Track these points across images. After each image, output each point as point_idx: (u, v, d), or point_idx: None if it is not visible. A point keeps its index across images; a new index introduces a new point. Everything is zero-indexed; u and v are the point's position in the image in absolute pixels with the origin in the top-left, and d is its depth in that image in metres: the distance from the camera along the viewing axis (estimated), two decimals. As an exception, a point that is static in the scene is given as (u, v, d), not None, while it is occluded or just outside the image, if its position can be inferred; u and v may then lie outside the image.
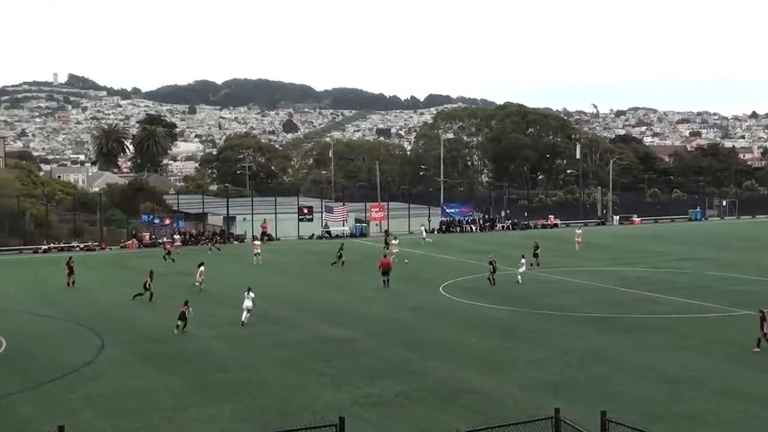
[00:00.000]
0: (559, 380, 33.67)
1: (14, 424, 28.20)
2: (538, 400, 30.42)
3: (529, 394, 31.69)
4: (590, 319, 46.65)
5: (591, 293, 55.83)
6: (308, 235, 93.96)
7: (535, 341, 40.88)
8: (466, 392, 32.02)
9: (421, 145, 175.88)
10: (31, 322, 46.57)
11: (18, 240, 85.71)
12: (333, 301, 53.14)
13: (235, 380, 34.13)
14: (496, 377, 34.23)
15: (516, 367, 36.05)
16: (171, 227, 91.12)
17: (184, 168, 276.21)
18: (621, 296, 54.38)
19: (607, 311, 48.92)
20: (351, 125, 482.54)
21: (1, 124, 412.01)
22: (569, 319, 46.84)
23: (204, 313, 47.79)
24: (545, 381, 33.55)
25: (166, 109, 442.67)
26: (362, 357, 37.78)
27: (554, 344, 40.25)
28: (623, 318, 46.98)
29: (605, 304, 51.51)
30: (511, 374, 34.77)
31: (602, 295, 54.87)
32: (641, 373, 34.63)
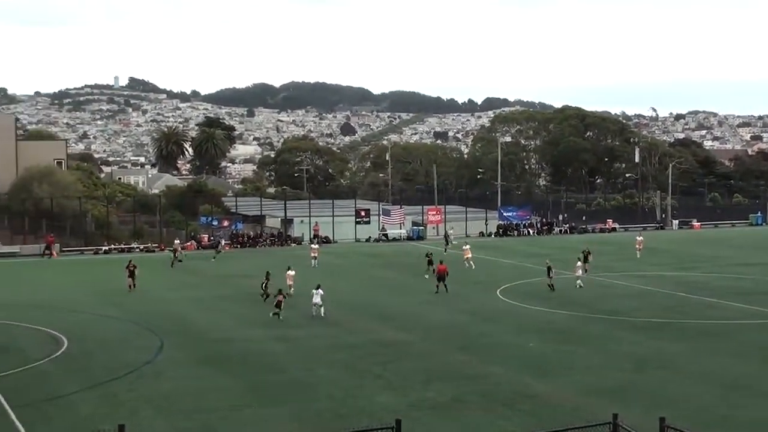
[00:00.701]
0: (617, 385, 33.43)
1: (75, 423, 28.57)
2: (595, 405, 30.22)
3: (586, 398, 31.50)
4: (648, 324, 46.25)
5: (649, 298, 55.37)
6: (365, 237, 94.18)
7: (592, 346, 40.65)
8: (524, 396, 31.91)
9: (479, 148, 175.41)
10: (92, 323, 47.14)
11: (79, 241, 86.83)
12: (390, 303, 53.19)
13: (292, 382, 34.29)
14: (553, 381, 34.07)
15: (573, 371, 35.85)
16: (229, 229, 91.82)
17: (242, 170, 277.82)
18: (679, 301, 53.87)
19: (665, 316, 48.50)
20: (408, 128, 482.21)
21: (63, 127, 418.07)
22: (627, 323, 46.48)
23: (261, 314, 48.08)
24: (603, 386, 33.34)
25: (224, 112, 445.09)
26: (419, 360, 37.77)
27: (612, 349, 39.99)
28: (681, 323, 46.54)
29: (663, 308, 51.06)
30: (568, 378, 34.59)
31: (661, 300, 54.40)
32: (699, 379, 34.30)
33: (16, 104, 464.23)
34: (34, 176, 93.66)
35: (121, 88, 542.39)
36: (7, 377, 35.01)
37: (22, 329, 45.62)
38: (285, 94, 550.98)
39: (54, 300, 54.99)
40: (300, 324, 46.05)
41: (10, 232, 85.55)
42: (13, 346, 41.77)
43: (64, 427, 27.77)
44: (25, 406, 30.71)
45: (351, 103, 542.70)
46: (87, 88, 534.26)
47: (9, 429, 28.13)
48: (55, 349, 40.60)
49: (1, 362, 37.58)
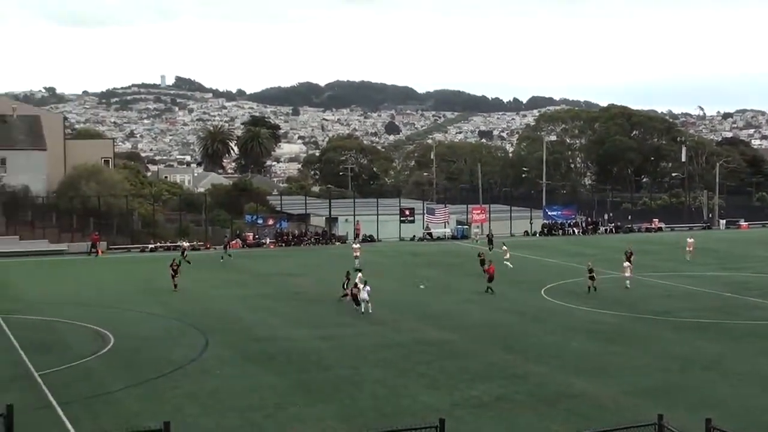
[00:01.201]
0: (662, 386, 33.22)
1: (121, 419, 28.81)
2: (640, 405, 30.05)
3: (631, 399, 31.33)
4: (694, 325, 45.93)
5: (695, 298, 54.98)
6: (410, 236, 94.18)
7: (637, 346, 40.42)
8: (568, 396, 31.80)
9: (524, 147, 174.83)
10: (138, 320, 47.53)
11: (126, 239, 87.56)
12: (434, 302, 53.14)
13: (337, 380, 34.39)
14: (598, 381, 33.92)
15: (618, 371, 35.67)
16: (274, 228, 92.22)
17: (287, 169, 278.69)
18: (726, 301, 53.43)
19: (711, 317, 48.12)
20: (453, 127, 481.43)
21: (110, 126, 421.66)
22: (672, 324, 46.17)
23: (305, 313, 48.27)
24: (648, 386, 33.14)
25: (270, 111, 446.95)
26: (463, 359, 37.74)
27: (657, 349, 39.74)
28: (728, 324, 46.15)
29: (709, 309, 50.68)
30: (613, 378, 34.41)
31: (707, 301, 53.99)
32: (745, 381, 34.01)
33: (65, 103, 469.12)
34: (81, 175, 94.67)
35: (168, 87, 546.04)
36: (54, 374, 35.39)
37: (69, 326, 46.11)
38: (330, 93, 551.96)
39: (101, 297, 55.51)
40: (344, 322, 46.16)
41: (58, 231, 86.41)
42: (60, 343, 42.23)
43: (110, 424, 27.99)
44: (72, 403, 31.04)
45: (395, 102, 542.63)
46: (134, 87, 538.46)
47: (56, 425, 28.44)
48: (102, 346, 41.00)
49: (48, 359, 38.02)
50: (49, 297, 56.64)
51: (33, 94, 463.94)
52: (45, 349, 40.46)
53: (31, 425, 24.94)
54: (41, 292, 59.22)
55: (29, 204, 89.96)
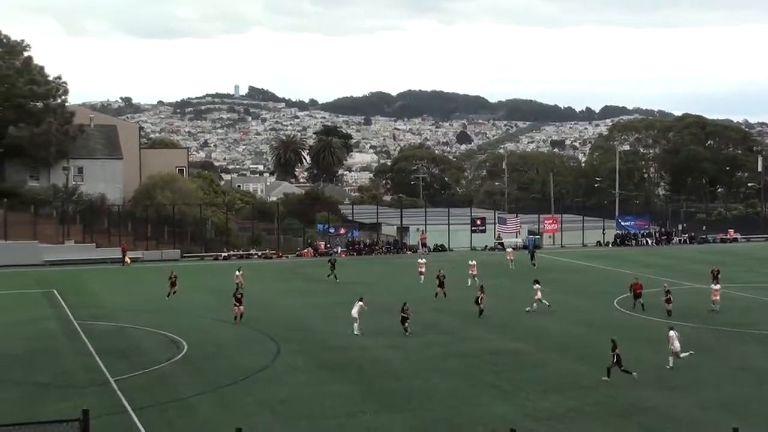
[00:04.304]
0: (738, 399, 32.72)
1: (194, 426, 29.14)
2: (715, 419, 29.67)
3: (706, 412, 30.93)
4: (772, 338, 45.15)
5: (773, 311, 54.00)
6: (481, 246, 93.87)
7: (713, 358, 39.84)
8: (641, 409, 31.47)
9: (596, 156, 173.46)
10: (211, 327, 47.96)
11: (200, 247, 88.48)
12: (504, 312, 52.86)
13: (407, 389, 34.41)
14: (671, 394, 33.52)
15: (693, 384, 35.20)
16: (345, 237, 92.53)
17: (358, 178, 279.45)
18: (805, 314, 52.37)
19: (789, 330, 47.25)
20: (525, 137, 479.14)
21: (185, 135, 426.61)
22: (749, 336, 45.47)
23: (376, 322, 48.35)
24: (722, 399, 32.68)
25: (342, 121, 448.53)
26: (534, 369, 37.54)
27: (732, 362, 39.18)
28: (807, 337, 45.29)
29: (788, 322, 49.74)
30: (687, 391, 33.99)
31: (785, 313, 52.99)
32: (826, 395, 33.35)
33: (141, 113, 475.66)
34: (157, 183, 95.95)
35: (241, 97, 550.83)
36: (129, 379, 35.90)
37: (144, 333, 46.74)
38: (402, 103, 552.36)
39: (175, 305, 56.09)
40: (415, 332, 46.14)
41: (133, 238, 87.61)
42: (135, 349, 42.82)
43: (184, 430, 28.35)
44: (147, 408, 31.46)
45: (467, 112, 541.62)
46: (208, 97, 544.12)
47: (130, 430, 28.88)
48: (176, 352, 41.50)
49: (123, 365, 38.58)
50: (124, 304, 57.48)
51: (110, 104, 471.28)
52: (120, 355, 41.07)
53: (107, 430, 25.33)
54: (116, 299, 60.11)
55: (105, 212, 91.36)
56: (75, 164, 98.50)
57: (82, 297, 60.84)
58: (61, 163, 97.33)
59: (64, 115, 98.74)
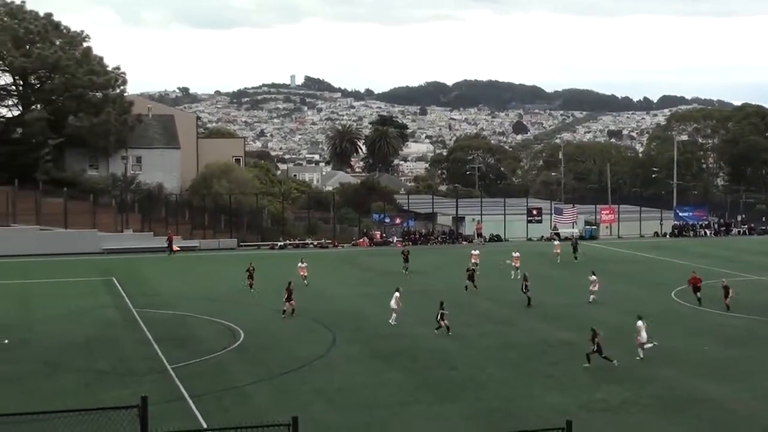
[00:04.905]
0: (797, 393, 32.36)
1: (250, 413, 29.36)
2: (773, 412, 29.37)
3: (764, 405, 30.62)
4: (832, 331, 44.54)
5: (834, 303, 53.21)
6: (537, 236, 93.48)
7: None
8: (697, 401, 31.25)
9: (654, 147, 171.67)
10: (267, 316, 48.22)
11: (256, 236, 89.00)
12: (559, 303, 52.65)
13: (462, 379, 34.45)
14: (729, 387, 33.22)
15: (751, 377, 34.86)
16: (401, 226, 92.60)
17: (414, 168, 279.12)
18: None
19: None
20: (581, 126, 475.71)
21: (241, 125, 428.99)
22: (809, 329, 44.86)
23: (431, 312, 48.32)
24: (781, 392, 32.33)
25: (397, 111, 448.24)
26: (590, 361, 37.37)
27: (791, 355, 38.70)
28: None
29: None
30: (745, 384, 33.66)
31: None
32: None
33: (198, 103, 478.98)
34: (213, 173, 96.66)
35: (297, 87, 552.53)
36: (186, 367, 36.31)
37: (201, 321, 47.20)
38: (457, 93, 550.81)
39: (232, 294, 56.55)
40: (470, 322, 46.13)
41: (190, 227, 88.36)
42: (192, 337, 43.29)
43: (240, 418, 28.53)
44: (203, 396, 31.82)
45: (523, 101, 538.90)
46: (264, 87, 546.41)
47: (188, 417, 29.18)
48: (232, 341, 41.88)
49: (181, 353, 39.03)
50: (182, 292, 58.04)
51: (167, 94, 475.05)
52: (178, 343, 41.55)
53: (165, 417, 25.61)
54: (174, 287, 60.73)
55: (163, 201, 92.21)
56: (133, 154, 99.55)
57: (140, 285, 61.55)
58: (120, 152, 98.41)
59: (123, 105, 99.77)
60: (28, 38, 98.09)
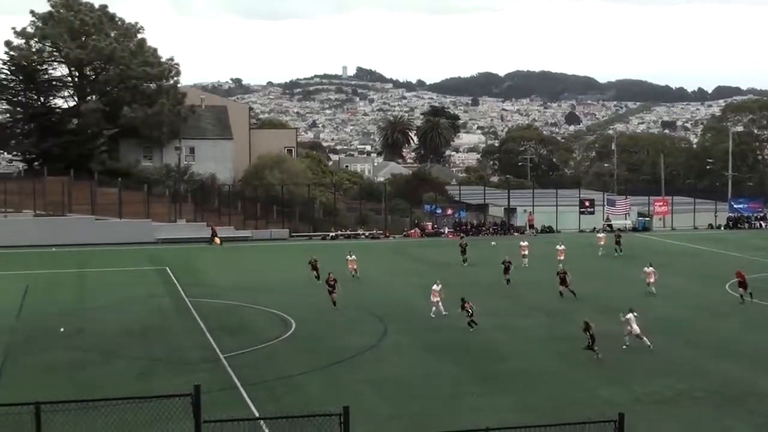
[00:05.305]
0: None
1: (301, 402, 29.54)
2: (831, 407, 29.01)
3: (821, 400, 30.25)
4: None
5: None
6: (589, 228, 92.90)
7: (827, 345, 38.91)
8: (754, 395, 30.93)
9: (708, 138, 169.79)
10: (319, 306, 48.31)
11: (308, 226, 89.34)
12: (609, 295, 52.25)
13: (514, 371, 34.39)
14: (785, 381, 32.84)
15: (807, 371, 34.43)
16: (452, 217, 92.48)
17: (466, 159, 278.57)
18: None
19: None
20: (635, 117, 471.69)
21: (293, 116, 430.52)
22: None
23: (482, 303, 48.30)
24: (839, 388, 31.91)
25: (449, 101, 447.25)
26: (642, 354, 37.10)
27: None
28: None
29: None
30: (801, 378, 33.26)
31: None
32: None
33: (250, 94, 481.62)
34: (266, 163, 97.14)
35: (349, 78, 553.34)
36: (239, 356, 36.59)
37: (253, 311, 47.50)
38: (509, 83, 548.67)
39: (283, 283, 56.82)
40: (521, 314, 46.01)
41: (243, 217, 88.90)
42: (245, 327, 43.60)
43: (291, 407, 28.73)
44: (256, 385, 32.04)
45: (576, 92, 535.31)
46: (316, 78, 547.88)
47: (241, 406, 29.39)
48: (284, 330, 42.11)
49: (233, 342, 39.34)
50: (234, 282, 58.43)
51: (220, 85, 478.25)
52: (230, 332, 41.87)
53: (217, 405, 25.83)
54: (227, 277, 61.14)
55: (216, 191, 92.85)
56: (186, 144, 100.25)
57: (194, 275, 62.06)
58: (173, 143, 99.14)
59: (176, 96, 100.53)
60: (84, 30, 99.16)
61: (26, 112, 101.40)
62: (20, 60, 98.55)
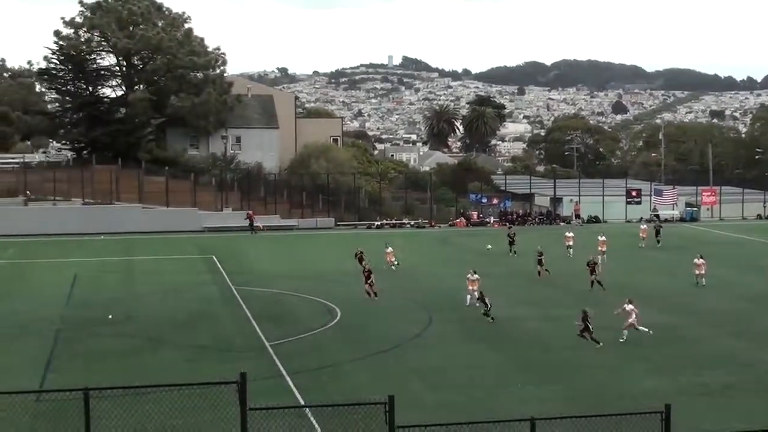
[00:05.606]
0: None
1: (347, 391, 29.64)
2: None
3: None
4: None
5: None
6: (636, 218, 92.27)
7: None
8: (805, 387, 30.64)
9: (758, 127, 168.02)
10: (364, 296, 48.33)
11: (353, 215, 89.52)
12: (660, 286, 52.02)
13: (558, 361, 34.29)
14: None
15: None
16: (498, 207, 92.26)
17: (511, 148, 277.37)
18: None
19: None
20: (683, 107, 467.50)
21: (339, 105, 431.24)
22: None
23: (528, 293, 48.21)
24: None
25: (495, 90, 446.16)
26: (689, 344, 36.92)
27: None
28: None
29: None
30: None
31: None
32: None
33: (296, 83, 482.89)
34: (311, 153, 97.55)
35: (395, 67, 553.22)
36: (285, 344, 36.78)
37: (299, 299, 47.71)
38: (556, 72, 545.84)
39: (329, 272, 57.00)
40: (566, 304, 45.83)
41: (289, 206, 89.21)
42: (290, 315, 43.80)
43: (336, 395, 28.84)
44: (301, 373, 32.19)
45: (623, 81, 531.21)
46: (362, 67, 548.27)
47: (286, 393, 29.57)
48: (329, 319, 42.26)
49: (279, 330, 39.56)
50: (280, 270, 58.70)
51: (266, 74, 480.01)
52: (276, 320, 42.11)
53: (263, 393, 25.98)
54: (272, 265, 61.46)
55: (262, 180, 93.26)
56: (233, 133, 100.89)
57: (240, 263, 62.41)
58: (220, 132, 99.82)
59: (223, 86, 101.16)
60: (132, 20, 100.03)
61: (75, 102, 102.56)
62: (69, 50, 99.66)
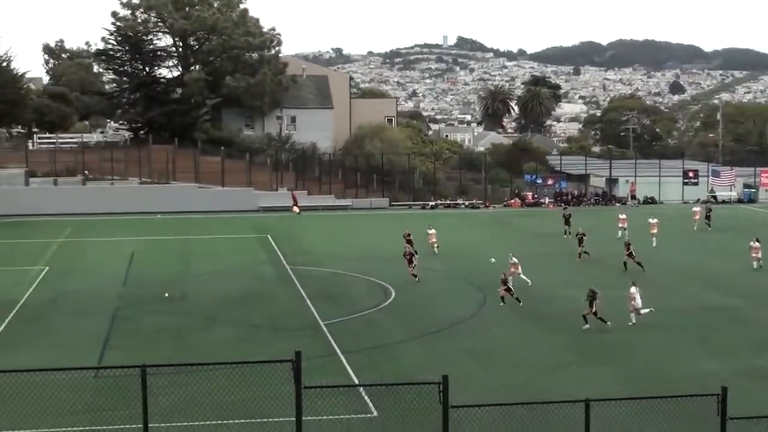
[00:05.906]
0: None
1: (400, 371, 29.70)
2: None
3: None
4: None
5: None
6: (693, 199, 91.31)
7: None
8: None
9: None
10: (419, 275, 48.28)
11: (408, 196, 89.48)
12: (717, 268, 51.49)
13: (615, 343, 34.07)
14: None
15: None
16: (553, 187, 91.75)
17: (567, 129, 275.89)
18: None
19: None
20: (741, 87, 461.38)
21: (394, 85, 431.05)
22: None
23: (583, 274, 47.86)
24: None
25: (550, 71, 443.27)
26: (748, 327, 36.51)
27: None
28: None
29: None
30: None
31: None
32: None
33: (351, 63, 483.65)
34: (366, 133, 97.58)
35: (450, 47, 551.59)
36: (339, 323, 36.92)
37: (354, 279, 47.83)
38: (612, 52, 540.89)
39: (384, 252, 56.83)
40: (620, 284, 45.44)
41: (343, 186, 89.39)
42: (344, 295, 43.93)
43: (390, 375, 28.89)
44: (355, 352, 32.29)
45: (680, 61, 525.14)
46: (417, 47, 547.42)
47: (340, 372, 29.68)
48: (384, 299, 42.33)
49: (333, 309, 39.71)
50: (334, 250, 58.85)
51: (321, 54, 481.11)
52: (330, 300, 42.26)
53: (317, 371, 26.12)
54: (327, 245, 61.65)
55: (317, 160, 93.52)
56: (288, 113, 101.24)
57: (294, 243, 62.66)
58: (275, 112, 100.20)
59: (278, 66, 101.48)
60: (188, 1, 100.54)
61: (132, 82, 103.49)
62: (126, 30, 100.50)
